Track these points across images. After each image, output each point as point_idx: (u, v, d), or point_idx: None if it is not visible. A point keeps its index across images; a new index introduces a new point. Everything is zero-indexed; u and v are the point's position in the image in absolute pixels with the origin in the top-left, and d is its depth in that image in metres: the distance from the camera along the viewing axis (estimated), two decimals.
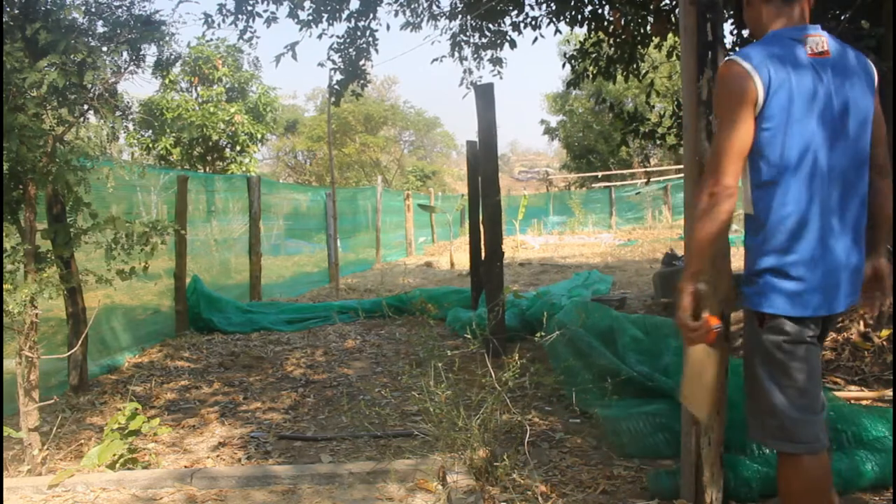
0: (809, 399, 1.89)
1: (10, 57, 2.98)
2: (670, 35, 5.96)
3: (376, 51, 6.92)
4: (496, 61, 7.38)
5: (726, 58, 1.94)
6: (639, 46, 6.34)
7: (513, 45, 7.05)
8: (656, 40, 6.14)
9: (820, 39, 1.87)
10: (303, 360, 5.57)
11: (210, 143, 15.05)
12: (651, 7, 5.74)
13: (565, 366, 3.64)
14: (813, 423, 1.89)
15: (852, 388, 3.59)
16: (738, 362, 3.20)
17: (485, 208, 5.44)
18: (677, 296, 1.91)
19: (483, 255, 5.69)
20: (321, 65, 6.94)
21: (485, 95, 5.25)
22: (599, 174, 25.61)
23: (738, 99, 1.82)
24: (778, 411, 1.89)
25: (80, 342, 4.38)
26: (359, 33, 6.76)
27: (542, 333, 3.18)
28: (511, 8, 6.71)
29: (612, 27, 6.28)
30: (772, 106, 1.81)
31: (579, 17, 6.38)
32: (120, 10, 3.48)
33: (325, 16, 6.51)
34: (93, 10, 3.43)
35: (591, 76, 6.79)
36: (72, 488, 2.98)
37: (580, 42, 7.33)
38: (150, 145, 14.74)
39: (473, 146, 6.30)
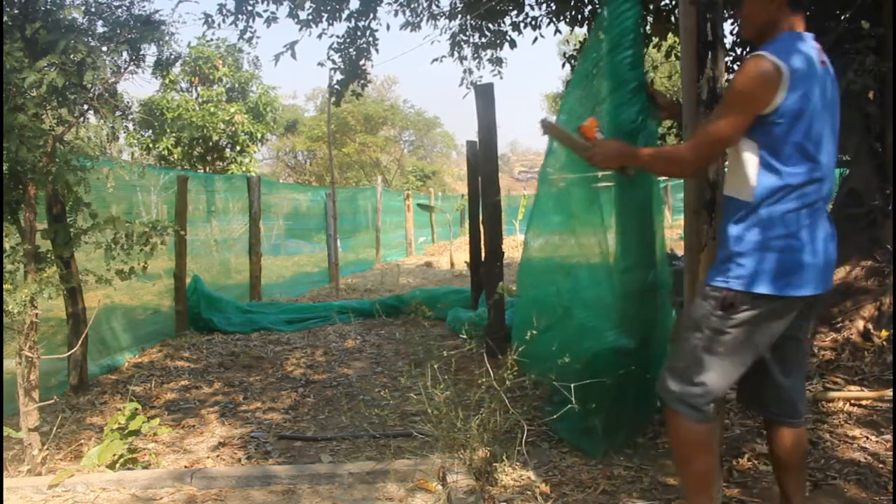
0: None
1: (9, 57, 2.98)
2: (670, 35, 5.96)
3: (376, 51, 6.91)
4: (496, 61, 7.38)
5: (757, 53, 1.98)
6: None
7: (513, 45, 7.04)
8: (656, 40, 6.14)
9: (819, 48, 2.00)
10: (303, 360, 5.57)
11: (210, 143, 15.04)
12: (651, 7, 5.74)
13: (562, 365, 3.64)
14: None
15: (852, 388, 3.59)
16: None
17: (485, 208, 5.44)
18: (612, 152, 2.28)
19: (483, 255, 5.69)
20: (321, 65, 6.93)
21: (485, 95, 5.24)
22: (600, 174, 25.57)
23: (748, 99, 1.92)
24: None
25: (80, 342, 4.38)
26: (359, 33, 6.75)
27: (534, 332, 3.17)
28: (511, 8, 6.71)
29: None
30: (791, 103, 1.90)
31: (579, 17, 6.38)
32: (120, 10, 3.48)
33: (325, 16, 6.50)
34: (93, 10, 3.43)
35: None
36: (72, 488, 2.98)
37: (580, 42, 7.32)
38: (151, 145, 14.72)
39: (473, 146, 6.30)
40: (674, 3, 5.61)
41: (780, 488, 2.27)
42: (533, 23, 6.76)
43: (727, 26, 5.57)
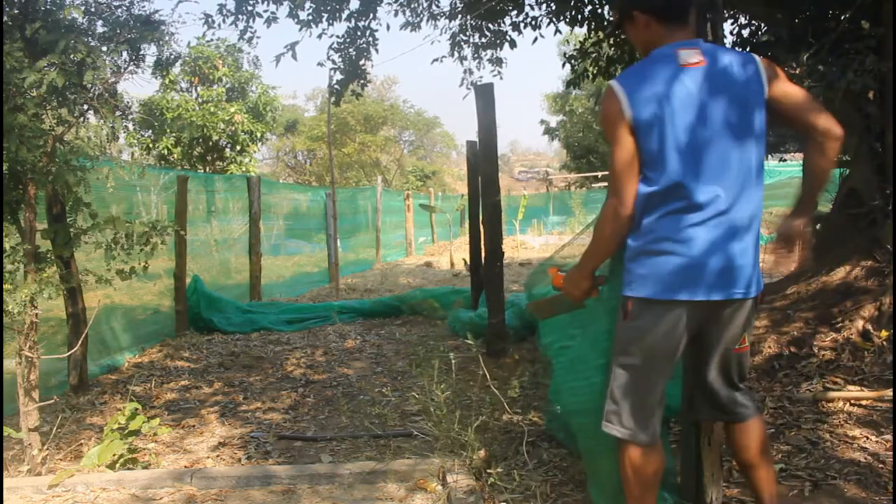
0: None
1: (9, 57, 2.98)
2: None
3: (376, 51, 6.91)
4: (496, 61, 7.38)
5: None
6: None
7: (513, 45, 7.05)
8: None
9: (692, 51, 1.96)
10: (303, 360, 5.57)
11: (210, 143, 15.05)
12: None
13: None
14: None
15: (852, 388, 3.59)
16: None
17: (485, 208, 5.44)
18: (575, 276, 2.22)
19: (483, 255, 5.69)
20: (321, 65, 6.93)
21: (485, 95, 5.24)
22: (599, 174, 25.61)
23: (612, 120, 1.97)
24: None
25: (80, 342, 4.38)
26: (359, 33, 6.75)
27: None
28: (511, 8, 6.71)
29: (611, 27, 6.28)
30: (643, 115, 1.93)
31: (579, 17, 6.38)
32: (120, 10, 3.48)
33: (325, 16, 6.50)
34: (93, 10, 3.44)
35: (591, 76, 6.79)
36: (72, 488, 2.98)
37: (580, 42, 7.33)
38: (150, 145, 14.74)
39: (473, 146, 6.30)
40: None
41: (751, 488, 2.27)
42: (533, 23, 6.76)
43: (727, 26, 5.57)
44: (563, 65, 7.13)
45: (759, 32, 5.38)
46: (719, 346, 2.08)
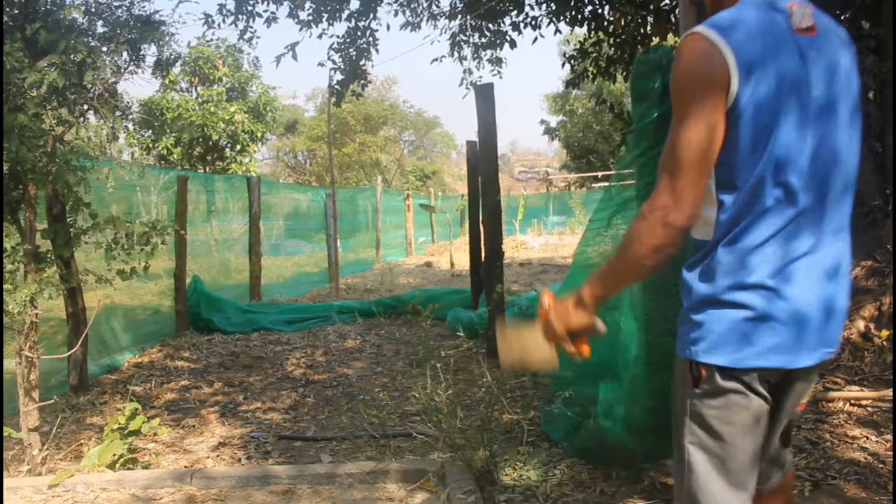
0: None
1: (10, 57, 2.98)
2: (670, 35, 5.97)
3: (376, 51, 6.93)
4: (496, 61, 7.40)
5: (690, 31, 1.35)
6: (639, 46, 6.35)
7: (513, 45, 7.06)
8: (656, 40, 6.15)
9: (805, 11, 1.33)
10: (303, 360, 5.57)
11: (210, 143, 15.06)
12: (651, 7, 5.75)
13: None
14: None
15: (852, 388, 3.59)
16: None
17: (485, 208, 5.44)
18: (570, 303, 1.47)
19: (483, 255, 5.69)
20: (321, 65, 6.96)
21: (485, 95, 5.24)
22: (599, 174, 25.61)
23: (704, 85, 1.28)
24: None
25: (80, 342, 4.38)
26: (359, 33, 6.77)
27: None
28: (511, 8, 6.73)
29: (611, 27, 6.29)
30: (748, 94, 1.27)
31: (579, 17, 6.40)
32: (120, 10, 3.48)
33: (325, 16, 6.52)
34: (93, 10, 3.43)
35: (591, 76, 6.80)
36: (72, 488, 2.98)
37: (580, 42, 7.34)
38: (150, 145, 14.76)
39: (473, 146, 6.30)
40: (674, 2, 5.61)
41: None
42: (533, 23, 6.77)
43: None
44: (563, 65, 7.15)
45: None
46: (795, 402, 1.51)
